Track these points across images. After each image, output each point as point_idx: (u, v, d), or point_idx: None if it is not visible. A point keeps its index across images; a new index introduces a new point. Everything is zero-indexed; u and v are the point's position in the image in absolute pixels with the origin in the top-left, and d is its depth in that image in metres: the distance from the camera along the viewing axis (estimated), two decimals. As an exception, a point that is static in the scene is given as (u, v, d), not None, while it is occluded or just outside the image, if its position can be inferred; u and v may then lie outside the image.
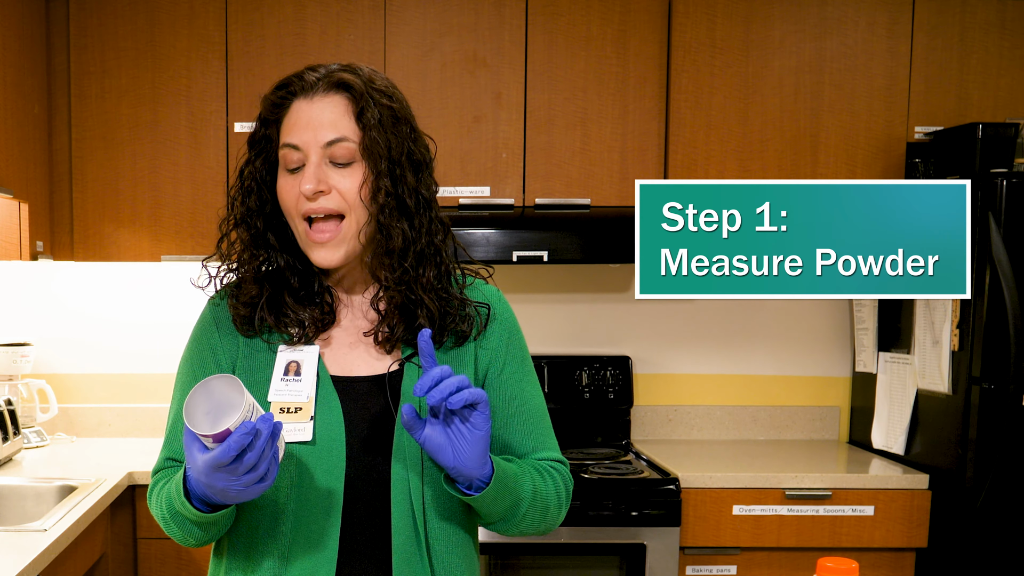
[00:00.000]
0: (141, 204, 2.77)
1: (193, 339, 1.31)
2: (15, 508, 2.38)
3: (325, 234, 1.21)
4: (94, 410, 3.07)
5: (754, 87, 2.78)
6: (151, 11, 2.74)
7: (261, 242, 1.26)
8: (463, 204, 2.77)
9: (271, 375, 1.23)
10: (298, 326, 1.24)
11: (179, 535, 1.21)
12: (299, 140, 1.20)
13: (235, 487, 1.06)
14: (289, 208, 1.22)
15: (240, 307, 1.26)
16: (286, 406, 1.21)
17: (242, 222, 1.26)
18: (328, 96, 1.21)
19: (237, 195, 1.27)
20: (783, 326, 3.16)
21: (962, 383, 2.49)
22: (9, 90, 2.46)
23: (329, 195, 1.20)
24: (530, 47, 2.77)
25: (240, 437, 1.02)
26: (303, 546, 1.19)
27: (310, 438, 1.19)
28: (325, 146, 1.19)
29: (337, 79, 1.21)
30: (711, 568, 2.60)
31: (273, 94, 1.23)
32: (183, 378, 1.29)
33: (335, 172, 1.20)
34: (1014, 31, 2.76)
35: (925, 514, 2.59)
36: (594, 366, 3.04)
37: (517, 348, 1.32)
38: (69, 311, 3.06)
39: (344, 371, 1.25)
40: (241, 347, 1.26)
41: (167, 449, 1.28)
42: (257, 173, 1.25)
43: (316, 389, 1.21)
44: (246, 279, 1.27)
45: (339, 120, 1.20)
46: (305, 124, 1.20)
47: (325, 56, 2.72)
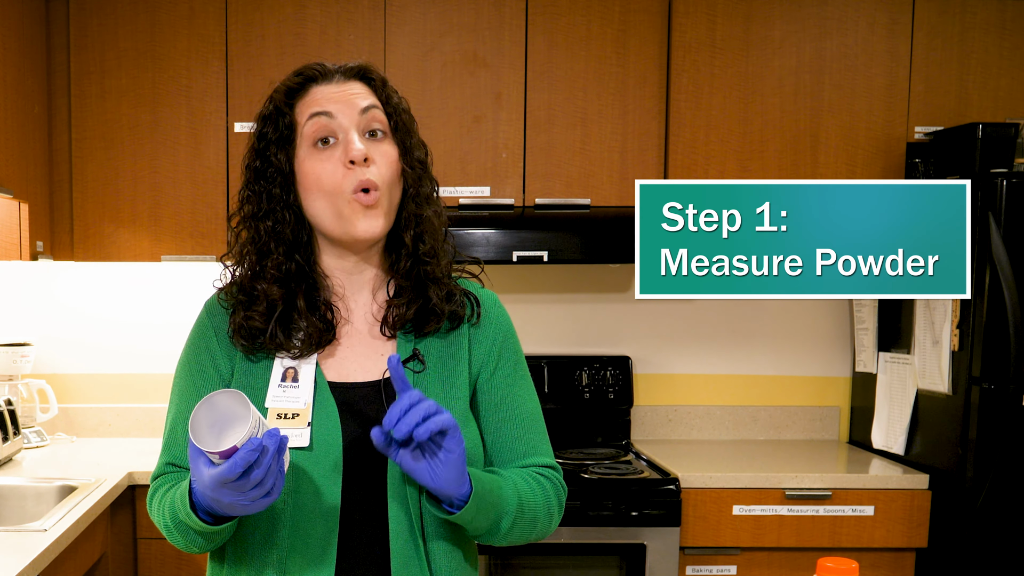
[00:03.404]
0: (141, 204, 2.78)
1: (190, 345, 1.29)
2: (15, 508, 2.38)
3: (372, 197, 1.19)
4: (94, 410, 3.07)
5: (754, 87, 2.78)
6: (151, 11, 2.74)
7: (284, 236, 1.22)
8: (463, 204, 2.77)
9: (268, 381, 1.23)
10: (302, 341, 1.22)
11: (182, 543, 1.21)
12: (332, 107, 1.20)
13: (241, 502, 1.06)
14: (326, 183, 1.19)
15: (256, 318, 1.22)
16: (283, 412, 1.20)
17: (268, 214, 1.22)
18: (350, 81, 1.23)
19: (256, 184, 1.23)
20: (783, 326, 3.16)
21: (962, 383, 2.49)
22: (9, 90, 2.46)
23: (372, 165, 1.20)
24: (530, 47, 2.77)
25: (247, 454, 1.02)
26: (301, 552, 1.18)
27: (307, 444, 1.18)
28: (361, 112, 1.20)
29: (357, 69, 1.24)
30: (711, 568, 2.60)
31: (290, 80, 1.23)
32: (182, 383, 1.28)
33: (370, 144, 1.21)
34: (1014, 31, 2.76)
35: (925, 514, 2.59)
36: (594, 366, 3.04)
37: (510, 351, 1.31)
38: (69, 311, 3.06)
39: (341, 377, 1.25)
40: (239, 354, 1.25)
41: (166, 454, 1.28)
42: (275, 158, 1.22)
43: (314, 395, 1.21)
44: (264, 280, 1.23)
45: (366, 94, 1.23)
46: (334, 96, 1.20)
47: (325, 56, 2.71)
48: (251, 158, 1.25)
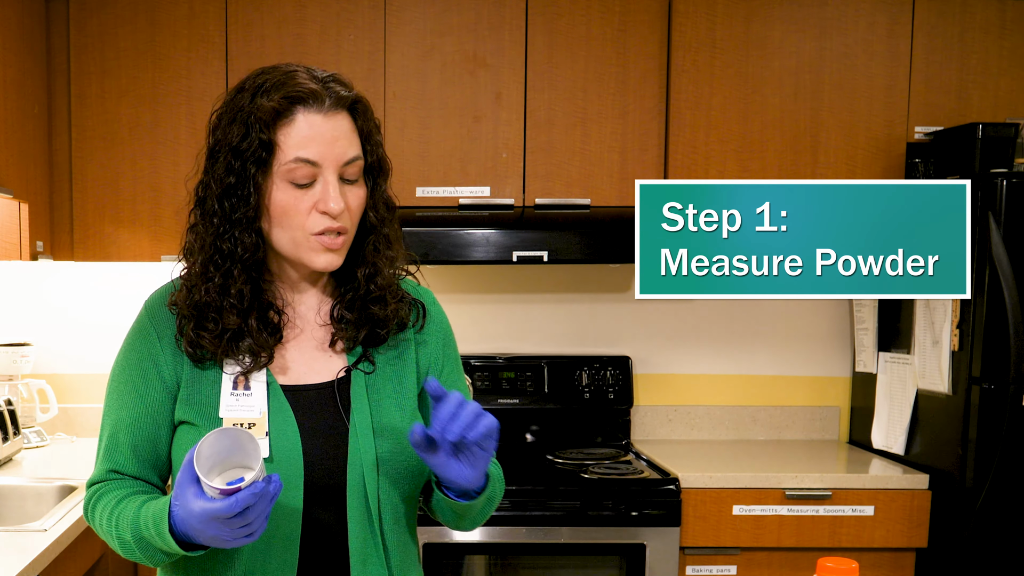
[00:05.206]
0: (141, 204, 2.77)
1: (130, 348, 1.27)
2: (15, 508, 2.38)
3: (338, 241, 1.21)
4: (94, 410, 3.07)
5: (754, 87, 2.78)
6: (151, 11, 2.74)
7: (246, 259, 1.20)
8: (463, 204, 2.77)
9: (219, 389, 1.22)
10: (251, 353, 1.21)
11: (139, 558, 1.18)
12: (317, 156, 1.17)
13: (224, 537, 1.07)
14: (294, 221, 1.19)
15: (206, 337, 1.20)
16: (240, 422, 1.20)
17: (233, 238, 1.19)
18: (339, 113, 1.20)
19: (226, 200, 1.19)
20: (783, 326, 3.16)
21: (962, 383, 2.49)
22: (9, 90, 2.46)
23: (344, 211, 1.20)
24: (530, 47, 2.77)
25: (249, 496, 1.03)
26: (263, 557, 1.19)
27: (267, 454, 1.18)
28: (344, 164, 1.19)
29: (347, 100, 1.21)
30: (711, 568, 2.60)
31: (274, 100, 1.17)
32: (122, 388, 1.26)
33: (345, 189, 1.21)
34: (1014, 31, 2.76)
35: (925, 514, 2.59)
36: (594, 366, 3.04)
37: (452, 349, 1.37)
38: (69, 311, 3.06)
39: (293, 380, 1.25)
40: (185, 362, 1.23)
41: (108, 461, 1.25)
42: (252, 181, 1.17)
43: (268, 401, 1.21)
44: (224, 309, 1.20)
45: (351, 138, 1.21)
46: (321, 139, 1.18)
47: (325, 56, 2.72)
48: (223, 171, 1.19)
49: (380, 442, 1.22)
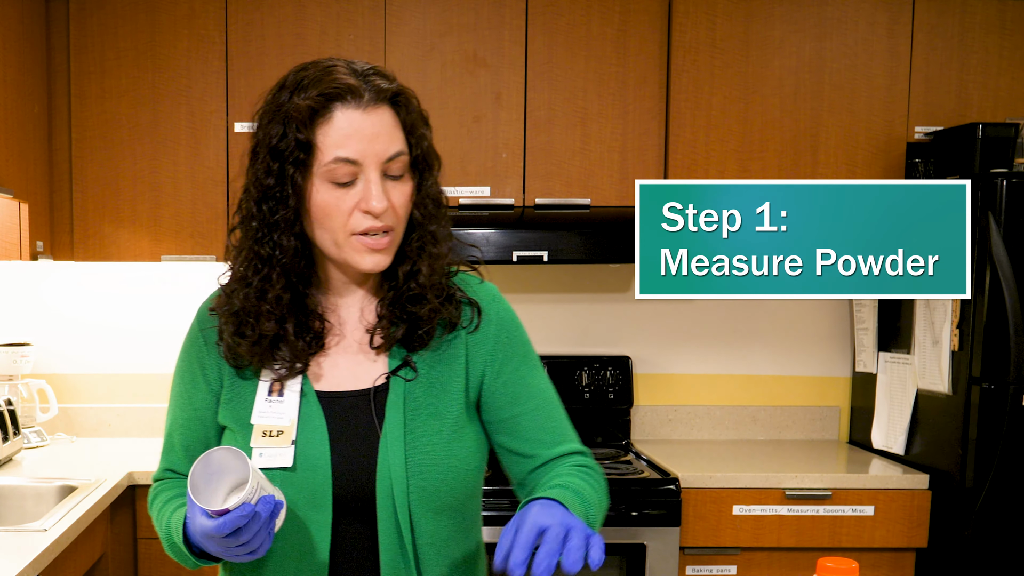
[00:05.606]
0: (141, 204, 2.78)
1: (183, 352, 1.29)
2: (15, 508, 2.38)
3: (384, 241, 1.16)
4: (94, 410, 3.07)
5: (754, 87, 2.78)
6: (151, 11, 2.74)
7: (286, 264, 1.17)
8: (463, 204, 2.77)
9: (255, 394, 1.21)
10: (287, 361, 1.20)
11: (177, 559, 1.22)
12: (358, 154, 1.13)
13: (225, 555, 1.08)
14: (336, 222, 1.15)
15: (243, 345, 1.19)
16: (268, 430, 1.18)
17: (273, 243, 1.16)
18: (380, 107, 1.15)
19: (265, 203, 1.16)
20: (783, 326, 3.16)
21: (962, 383, 2.49)
22: (9, 90, 2.46)
23: (389, 209, 1.15)
24: (530, 47, 2.77)
25: (237, 519, 1.02)
26: (294, 567, 1.18)
27: (290, 464, 1.17)
28: (385, 160, 1.14)
29: (387, 93, 1.16)
30: (711, 568, 2.60)
31: (311, 97, 1.12)
32: (176, 390, 1.29)
33: (389, 186, 1.16)
34: (1014, 31, 2.76)
35: (925, 514, 2.59)
36: (594, 366, 3.04)
37: (517, 344, 1.27)
38: (69, 311, 3.06)
39: (331, 386, 1.22)
40: (227, 367, 1.24)
41: (165, 460, 1.29)
42: (291, 182, 1.14)
43: (300, 408, 1.19)
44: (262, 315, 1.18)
45: (393, 133, 1.16)
46: (361, 136, 1.13)
47: (325, 56, 2.72)
48: (263, 173, 1.16)
49: (411, 453, 1.17)
